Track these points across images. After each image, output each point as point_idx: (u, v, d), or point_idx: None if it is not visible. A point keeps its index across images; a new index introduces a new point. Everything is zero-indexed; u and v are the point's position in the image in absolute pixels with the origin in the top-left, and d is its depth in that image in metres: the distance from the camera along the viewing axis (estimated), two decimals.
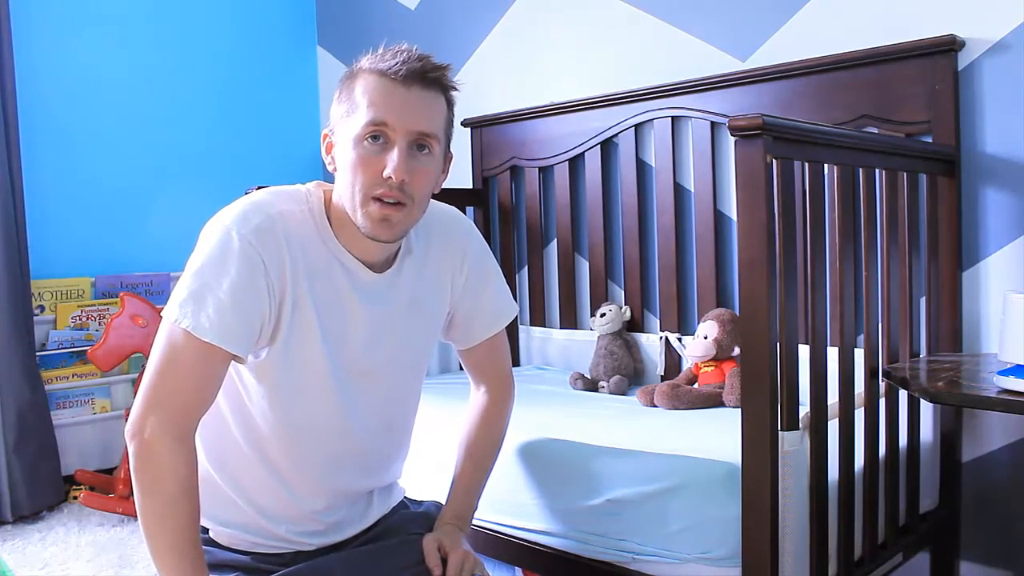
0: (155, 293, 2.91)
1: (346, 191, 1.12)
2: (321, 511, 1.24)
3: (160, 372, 1.06)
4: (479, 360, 1.43)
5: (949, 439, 1.82)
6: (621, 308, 2.44)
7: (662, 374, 2.36)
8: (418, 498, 1.47)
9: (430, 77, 1.12)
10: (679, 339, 2.32)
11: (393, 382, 1.27)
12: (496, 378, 1.44)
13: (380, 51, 1.13)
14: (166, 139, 3.09)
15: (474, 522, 1.78)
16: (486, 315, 1.38)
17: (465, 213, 2.75)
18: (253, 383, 1.15)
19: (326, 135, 1.17)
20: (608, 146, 2.49)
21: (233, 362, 1.12)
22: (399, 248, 1.23)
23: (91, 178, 2.92)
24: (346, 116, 1.12)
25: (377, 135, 1.09)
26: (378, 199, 1.10)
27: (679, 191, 2.33)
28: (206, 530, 1.23)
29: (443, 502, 1.41)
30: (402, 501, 1.40)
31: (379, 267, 1.20)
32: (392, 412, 1.30)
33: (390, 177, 1.09)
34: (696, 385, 2.12)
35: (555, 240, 2.66)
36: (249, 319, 1.08)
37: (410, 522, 1.35)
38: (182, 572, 1.05)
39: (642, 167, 2.42)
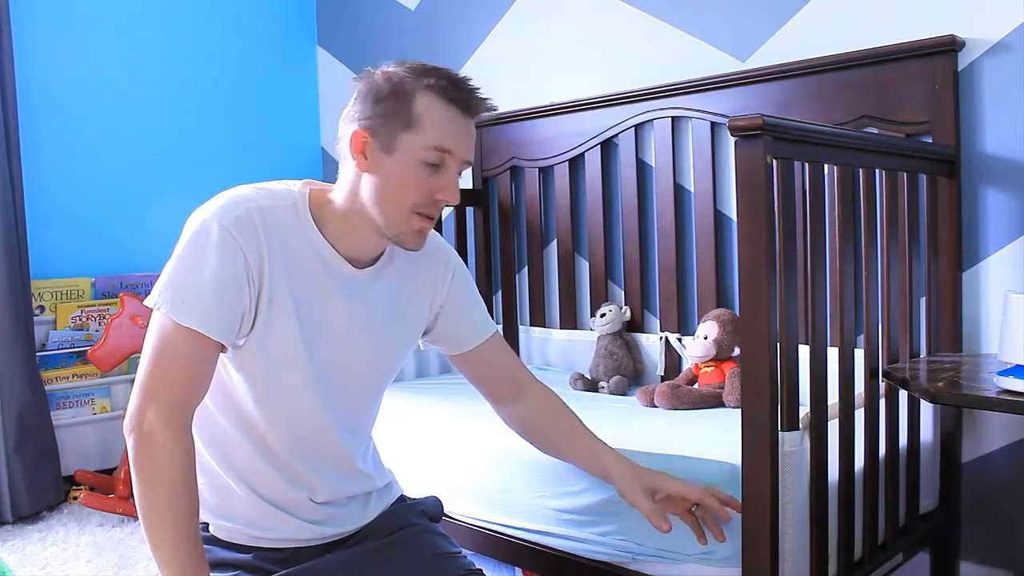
0: None
1: (387, 201, 1.15)
2: (320, 503, 1.25)
3: (154, 364, 1.09)
4: (490, 359, 1.42)
5: (949, 439, 1.82)
6: (621, 308, 2.44)
7: (662, 374, 2.36)
8: (417, 496, 1.47)
9: (483, 112, 1.18)
10: (679, 339, 2.32)
11: (365, 383, 1.29)
12: (519, 372, 1.45)
13: (430, 67, 1.15)
14: (166, 139, 3.09)
15: (474, 522, 1.79)
16: (477, 316, 1.41)
17: (465, 213, 2.79)
18: (236, 373, 1.17)
19: (363, 135, 1.14)
20: (608, 146, 2.49)
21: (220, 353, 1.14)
22: (382, 252, 1.25)
23: (91, 178, 2.92)
24: (402, 129, 1.12)
25: (439, 160, 1.14)
26: (420, 214, 1.16)
27: (679, 191, 2.33)
28: (206, 526, 1.23)
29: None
30: (400, 497, 1.40)
31: (360, 265, 1.23)
32: (359, 413, 1.31)
33: (443, 200, 1.15)
34: (696, 385, 2.12)
35: (555, 240, 2.66)
36: (229, 306, 1.10)
37: (409, 514, 1.35)
38: (182, 562, 1.06)
39: (642, 167, 2.42)
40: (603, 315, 2.42)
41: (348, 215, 1.18)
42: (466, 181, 2.85)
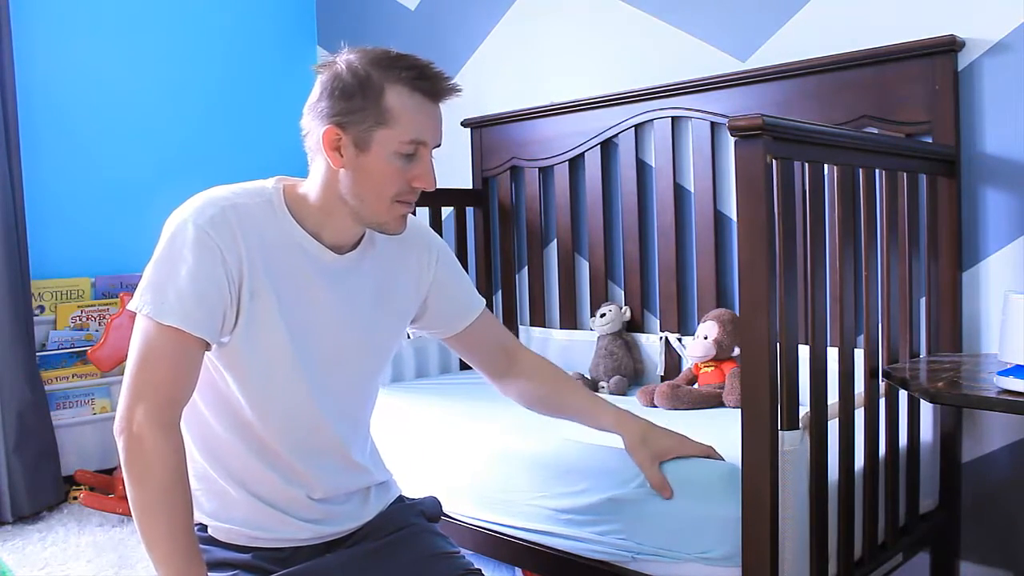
0: None
1: (367, 194, 1.17)
2: (318, 500, 1.25)
3: (139, 365, 1.10)
4: (483, 333, 1.45)
5: (949, 439, 1.82)
6: (621, 308, 2.44)
7: (662, 374, 2.36)
8: (415, 496, 1.47)
9: (449, 97, 1.19)
10: (679, 339, 2.32)
11: (357, 370, 1.29)
12: (509, 342, 1.50)
13: (393, 56, 1.15)
14: (166, 139, 3.09)
15: (473, 522, 1.79)
16: (467, 294, 1.44)
17: (465, 213, 2.79)
18: (226, 372, 1.18)
19: (336, 132, 1.14)
20: (608, 146, 2.49)
21: (208, 352, 1.15)
22: (363, 236, 1.27)
23: (91, 178, 2.92)
24: (375, 126, 1.14)
25: (414, 151, 1.16)
26: (400, 201, 1.19)
27: (679, 191, 2.33)
28: (205, 527, 1.23)
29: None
30: (399, 497, 1.40)
31: (342, 252, 1.24)
32: (355, 403, 1.31)
33: (420, 187, 1.18)
34: (696, 385, 2.12)
35: (555, 240, 2.66)
36: (210, 304, 1.11)
37: (408, 514, 1.35)
38: (177, 560, 1.07)
39: (642, 167, 2.42)
40: (603, 315, 2.42)
41: (325, 207, 1.20)
42: (466, 181, 2.85)
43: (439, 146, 1.20)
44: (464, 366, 2.71)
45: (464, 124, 2.79)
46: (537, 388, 1.48)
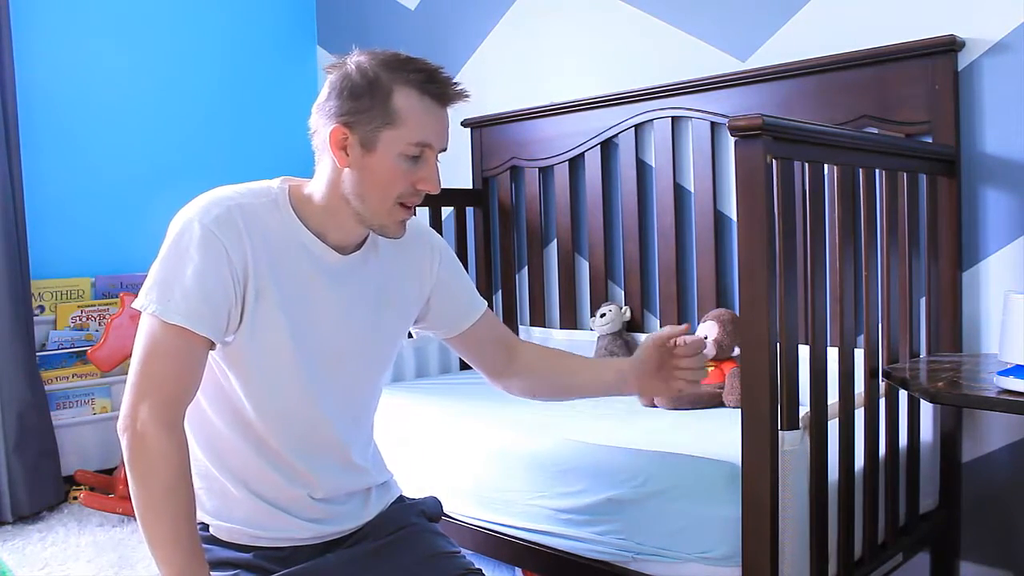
0: None
1: (371, 195, 1.17)
2: (319, 500, 1.25)
3: (143, 363, 1.10)
4: (485, 332, 1.44)
5: (949, 439, 1.82)
6: (621, 308, 2.44)
7: None
8: (416, 497, 1.47)
9: (457, 101, 1.18)
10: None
11: (359, 371, 1.29)
12: (508, 339, 1.48)
13: (403, 59, 1.15)
14: (166, 140, 3.09)
15: (474, 522, 1.79)
16: (469, 294, 1.43)
17: (465, 213, 2.79)
18: (228, 371, 1.18)
19: (343, 132, 1.15)
20: (608, 146, 2.49)
21: (212, 351, 1.15)
22: (366, 237, 1.27)
23: (91, 179, 2.92)
24: (382, 126, 1.14)
25: (420, 153, 1.16)
26: (403, 204, 1.18)
27: (679, 191, 2.33)
28: (206, 527, 1.24)
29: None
30: (399, 497, 1.40)
31: (345, 252, 1.24)
32: (357, 404, 1.31)
33: (425, 190, 1.18)
34: None
35: (555, 240, 2.66)
36: (215, 303, 1.11)
37: (408, 514, 1.36)
38: (179, 559, 1.07)
39: (642, 167, 2.42)
40: (603, 315, 2.42)
41: (329, 207, 1.20)
42: (466, 181, 2.85)
43: (445, 150, 1.20)
44: (464, 366, 2.71)
45: (464, 124, 2.79)
46: (538, 378, 1.46)
